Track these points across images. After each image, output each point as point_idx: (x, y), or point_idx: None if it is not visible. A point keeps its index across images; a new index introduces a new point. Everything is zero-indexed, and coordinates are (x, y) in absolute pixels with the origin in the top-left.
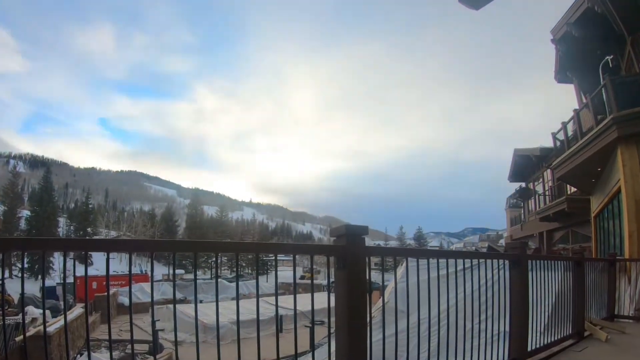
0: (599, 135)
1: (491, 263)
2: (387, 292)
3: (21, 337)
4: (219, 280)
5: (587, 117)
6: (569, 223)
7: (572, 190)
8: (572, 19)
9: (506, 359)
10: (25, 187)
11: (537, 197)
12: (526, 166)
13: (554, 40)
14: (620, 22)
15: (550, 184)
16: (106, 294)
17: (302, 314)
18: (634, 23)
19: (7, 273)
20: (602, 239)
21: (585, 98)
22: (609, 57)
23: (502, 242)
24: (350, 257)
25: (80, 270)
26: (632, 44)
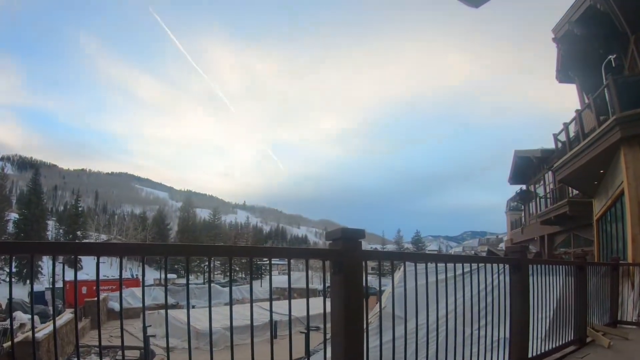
0: (601, 136)
1: (491, 267)
2: (384, 297)
3: (9, 343)
4: (212, 285)
5: (590, 118)
6: (571, 226)
7: (574, 193)
8: (574, 17)
9: None
10: (13, 189)
11: (538, 199)
12: (527, 168)
13: (555, 39)
14: (624, 21)
15: (551, 186)
16: (96, 299)
17: (297, 319)
18: (637, 21)
19: None
20: (605, 243)
21: (588, 98)
22: (612, 57)
23: (502, 246)
24: (346, 262)
25: (69, 274)
26: (636, 43)
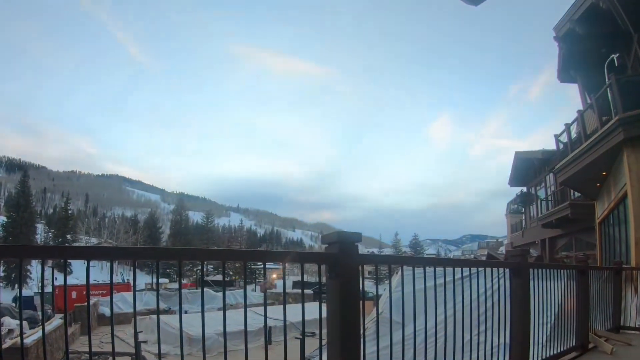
0: (604, 137)
1: (491, 272)
2: (381, 302)
3: None
4: (205, 289)
5: (592, 119)
6: (573, 230)
7: (576, 195)
8: (576, 15)
9: None
10: (1, 191)
11: (539, 202)
12: (528, 170)
13: (556, 37)
14: (627, 19)
15: (552, 188)
16: (86, 304)
17: (292, 325)
18: None
19: None
20: (607, 247)
21: (590, 98)
22: (615, 56)
23: (502, 249)
24: (342, 266)
25: (59, 279)
26: (639, 42)
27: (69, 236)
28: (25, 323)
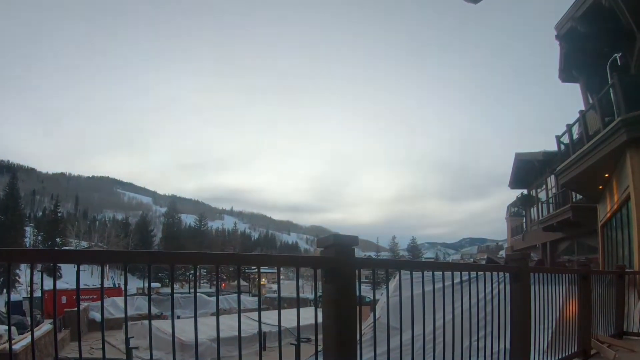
0: (606, 138)
1: (490, 276)
2: (378, 307)
3: None
4: (198, 294)
5: (594, 119)
6: (574, 233)
7: (578, 198)
8: (578, 13)
9: None
10: None
11: (540, 205)
12: (528, 172)
13: (558, 36)
14: (630, 17)
15: (554, 191)
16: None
17: (288, 330)
18: None
19: None
20: (610, 250)
21: (592, 98)
22: (618, 55)
23: (503, 253)
24: (338, 270)
25: (48, 283)
26: None
27: (58, 239)
28: (13, 328)
